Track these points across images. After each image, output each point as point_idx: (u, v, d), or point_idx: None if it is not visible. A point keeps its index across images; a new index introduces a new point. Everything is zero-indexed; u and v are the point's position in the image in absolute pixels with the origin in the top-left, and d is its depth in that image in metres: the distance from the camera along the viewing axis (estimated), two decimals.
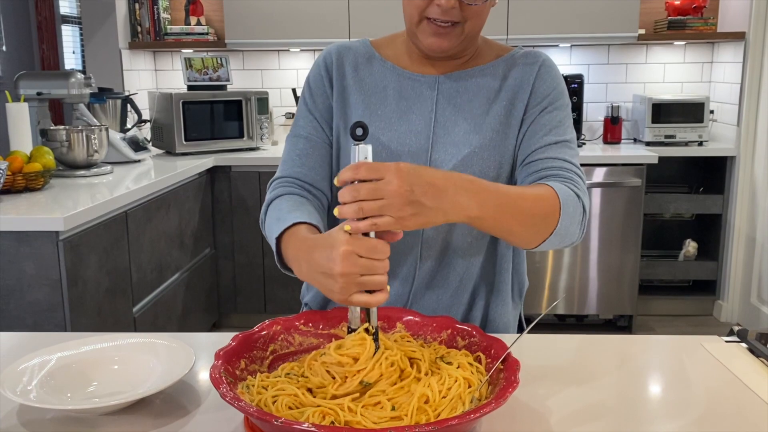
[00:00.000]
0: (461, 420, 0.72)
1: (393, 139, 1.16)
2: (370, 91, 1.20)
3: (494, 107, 1.17)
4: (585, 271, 3.37)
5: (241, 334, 0.94)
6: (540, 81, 1.17)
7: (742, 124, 3.43)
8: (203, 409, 0.88)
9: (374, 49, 1.23)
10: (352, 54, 1.23)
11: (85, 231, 2.06)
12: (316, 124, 1.22)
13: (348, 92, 1.21)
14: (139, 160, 3.03)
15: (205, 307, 3.21)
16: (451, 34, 1.10)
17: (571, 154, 1.13)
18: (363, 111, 1.19)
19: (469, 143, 1.15)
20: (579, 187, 1.09)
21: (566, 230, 1.04)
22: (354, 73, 1.21)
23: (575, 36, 3.46)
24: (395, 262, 1.18)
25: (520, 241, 1.05)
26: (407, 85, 1.19)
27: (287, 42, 3.52)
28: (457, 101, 1.17)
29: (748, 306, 3.46)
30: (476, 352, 0.93)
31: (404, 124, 1.17)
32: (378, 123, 1.18)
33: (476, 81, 1.18)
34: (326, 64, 1.23)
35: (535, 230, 1.02)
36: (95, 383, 0.93)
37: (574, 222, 1.05)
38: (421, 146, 1.16)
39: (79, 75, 2.76)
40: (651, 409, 0.91)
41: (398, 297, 1.20)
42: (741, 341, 1.09)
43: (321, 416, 0.78)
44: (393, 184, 0.85)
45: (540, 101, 1.16)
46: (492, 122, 1.16)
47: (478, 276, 1.22)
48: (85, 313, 2.05)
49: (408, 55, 1.21)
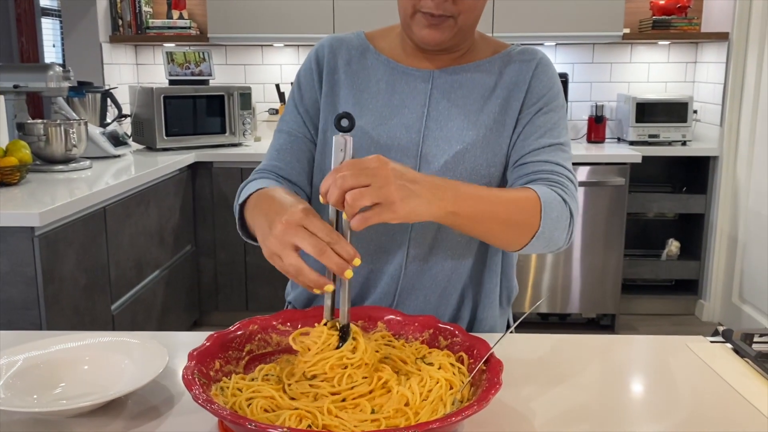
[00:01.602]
0: (442, 423, 0.70)
1: (383, 133, 1.14)
2: (362, 86, 1.18)
3: (489, 104, 1.15)
4: (568, 270, 3.36)
5: (216, 334, 0.91)
6: (536, 80, 1.15)
7: (725, 124, 3.44)
8: (176, 411, 0.86)
9: (368, 42, 1.21)
10: (345, 47, 1.21)
11: (62, 227, 2.02)
12: (299, 119, 1.21)
13: (338, 87, 1.19)
14: (118, 156, 2.98)
15: (186, 306, 3.17)
16: (444, 27, 1.08)
17: (564, 158, 1.12)
18: (353, 105, 1.16)
19: (462, 139, 1.13)
20: (567, 191, 1.07)
21: (550, 234, 1.03)
22: (346, 67, 1.19)
23: (560, 35, 3.46)
24: (383, 260, 1.16)
25: (501, 243, 1.04)
26: (401, 79, 1.17)
27: (271, 37, 3.48)
28: (452, 96, 1.15)
29: (729, 305, 3.48)
30: (458, 352, 0.91)
31: (395, 117, 1.15)
32: (368, 117, 1.15)
33: (472, 76, 1.16)
34: (318, 58, 1.21)
35: (514, 233, 1.01)
36: (63, 384, 0.90)
37: (558, 227, 1.03)
38: (411, 140, 1.14)
39: (58, 68, 2.71)
40: (636, 409, 0.90)
41: (385, 295, 1.18)
42: (726, 341, 1.08)
43: (298, 419, 0.76)
44: (379, 167, 0.83)
45: (536, 101, 1.14)
46: (486, 119, 1.14)
47: (467, 277, 1.19)
48: (62, 311, 2.00)
49: (402, 49, 1.19)
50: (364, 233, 1.11)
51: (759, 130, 3.26)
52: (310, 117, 1.20)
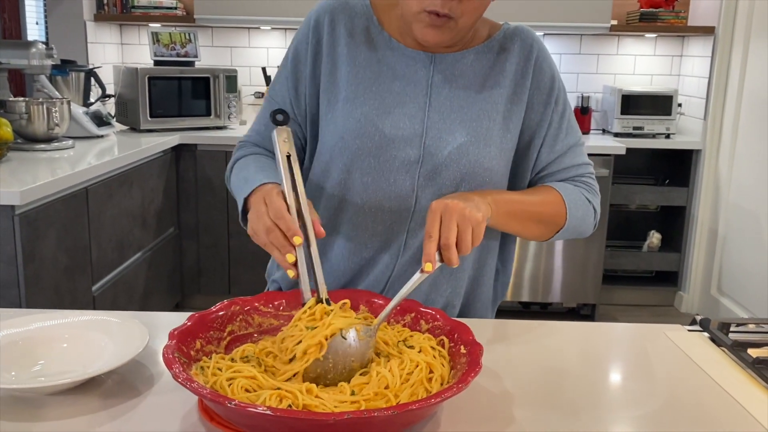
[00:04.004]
0: (422, 405, 0.71)
1: (387, 123, 1.11)
2: (363, 63, 1.13)
3: (493, 95, 1.13)
4: (550, 260, 3.39)
5: (197, 314, 0.91)
6: (539, 72, 1.15)
7: (709, 118, 3.47)
8: (156, 391, 0.85)
9: (373, 13, 1.16)
10: (347, 16, 1.14)
11: (43, 206, 2.00)
12: (291, 90, 1.17)
13: (340, 62, 1.14)
14: (101, 136, 2.95)
15: (168, 288, 3.15)
16: (445, 28, 1.05)
17: (581, 154, 1.20)
18: (356, 86, 1.12)
19: (465, 131, 1.11)
20: (590, 189, 1.20)
21: (574, 229, 1.16)
22: (349, 40, 1.14)
23: (548, 24, 3.46)
24: (386, 235, 1.14)
25: (528, 237, 1.17)
26: (401, 61, 1.13)
27: (258, 20, 3.45)
28: (453, 85, 1.12)
29: (708, 297, 3.52)
30: (440, 336, 0.91)
31: (398, 106, 1.12)
32: (372, 103, 1.11)
33: (471, 64, 1.14)
34: (317, 26, 1.15)
35: (542, 229, 1.15)
36: (42, 362, 0.89)
37: (583, 223, 1.17)
38: (415, 131, 1.11)
39: (41, 45, 2.67)
40: (613, 395, 0.91)
41: (376, 282, 1.16)
42: (703, 330, 1.10)
43: (278, 399, 0.76)
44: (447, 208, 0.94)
45: (546, 97, 1.15)
46: (490, 111, 1.12)
47: (460, 269, 1.18)
48: (42, 290, 1.99)
49: (401, 33, 1.15)
50: (362, 224, 1.13)
51: (742, 125, 3.29)
52: (300, 90, 1.16)
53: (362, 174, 1.11)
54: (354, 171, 1.11)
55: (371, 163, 1.11)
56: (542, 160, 1.18)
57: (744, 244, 3.22)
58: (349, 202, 1.13)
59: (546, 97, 1.15)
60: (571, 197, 1.14)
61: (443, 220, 0.94)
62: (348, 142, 1.10)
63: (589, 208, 1.17)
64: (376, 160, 1.10)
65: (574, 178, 1.19)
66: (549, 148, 1.17)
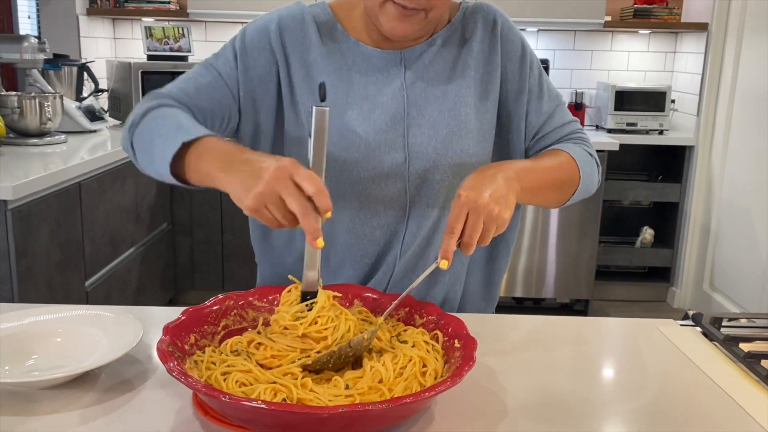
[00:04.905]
0: (416, 398, 0.71)
1: (369, 129, 1.08)
2: (338, 70, 1.10)
3: (465, 80, 1.12)
4: (543, 255, 3.39)
5: (191, 308, 0.91)
6: (507, 43, 1.14)
7: (702, 114, 3.48)
8: (150, 385, 0.85)
9: (335, 18, 1.13)
10: (313, 24, 1.11)
11: (36, 201, 1.99)
12: (234, 77, 1.10)
13: (316, 71, 1.10)
14: (94, 130, 2.94)
15: (161, 283, 3.14)
16: (414, 20, 1.03)
17: (566, 112, 1.20)
18: (333, 97, 1.09)
19: (446, 123, 1.10)
20: (588, 144, 1.20)
21: (586, 187, 1.16)
22: (320, 48, 1.10)
23: (542, 20, 3.46)
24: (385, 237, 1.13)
25: (549, 205, 1.17)
26: (371, 63, 1.11)
27: (251, 14, 3.44)
28: (425, 76, 1.11)
29: (700, 293, 3.54)
30: (433, 331, 0.91)
31: (377, 110, 1.09)
32: (352, 111, 1.08)
33: (439, 51, 1.12)
34: (280, 34, 1.10)
35: (561, 194, 1.14)
36: (36, 356, 0.89)
37: (591, 179, 1.17)
38: (397, 133, 1.09)
39: (33, 39, 2.66)
40: (605, 389, 0.91)
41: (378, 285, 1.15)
42: (695, 325, 1.10)
43: (273, 393, 0.76)
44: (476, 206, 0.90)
45: (518, 65, 1.14)
46: (466, 97, 1.11)
47: (459, 265, 1.18)
48: (35, 286, 1.98)
49: (366, 30, 1.12)
50: (359, 233, 1.12)
51: (735, 122, 3.30)
52: (236, 94, 1.10)
53: (351, 185, 1.09)
54: (343, 183, 1.09)
55: (360, 173, 1.09)
56: (533, 124, 1.17)
57: (736, 240, 3.24)
58: (342, 215, 1.11)
59: (519, 64, 1.15)
60: (579, 156, 1.14)
61: (470, 217, 0.90)
62: (334, 154, 1.07)
63: (593, 163, 1.18)
64: (364, 170, 1.09)
65: (569, 136, 1.19)
66: (536, 112, 1.16)
